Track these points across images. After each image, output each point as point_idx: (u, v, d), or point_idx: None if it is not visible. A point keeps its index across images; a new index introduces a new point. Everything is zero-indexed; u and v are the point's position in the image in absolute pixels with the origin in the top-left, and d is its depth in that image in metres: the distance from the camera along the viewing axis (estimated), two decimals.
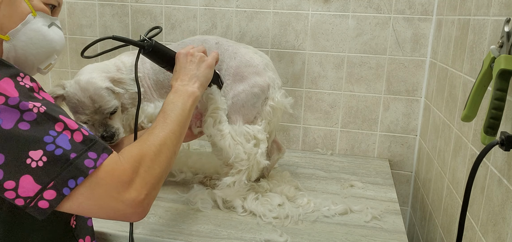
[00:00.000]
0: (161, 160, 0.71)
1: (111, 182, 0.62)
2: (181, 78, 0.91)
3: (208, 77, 0.96)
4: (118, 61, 1.18)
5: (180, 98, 0.86)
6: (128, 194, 0.63)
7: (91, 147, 0.62)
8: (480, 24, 0.92)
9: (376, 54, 1.44)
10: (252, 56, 1.10)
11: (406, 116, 1.47)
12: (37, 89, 0.63)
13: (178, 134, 0.79)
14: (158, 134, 0.74)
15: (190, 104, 0.86)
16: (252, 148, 1.05)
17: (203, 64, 0.95)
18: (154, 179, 0.68)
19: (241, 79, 1.08)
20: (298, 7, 1.45)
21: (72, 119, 0.63)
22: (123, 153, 0.67)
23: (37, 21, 0.71)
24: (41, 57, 0.74)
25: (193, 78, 0.92)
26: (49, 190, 0.58)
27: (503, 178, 0.74)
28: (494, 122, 0.67)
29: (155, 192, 0.69)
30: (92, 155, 0.61)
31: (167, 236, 0.94)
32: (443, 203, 1.11)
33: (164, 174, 0.72)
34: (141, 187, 0.65)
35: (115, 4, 1.60)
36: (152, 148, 0.70)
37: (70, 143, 0.60)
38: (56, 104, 0.63)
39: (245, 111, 1.07)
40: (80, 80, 1.03)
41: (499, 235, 0.73)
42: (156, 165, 0.69)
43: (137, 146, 0.70)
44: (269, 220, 1.01)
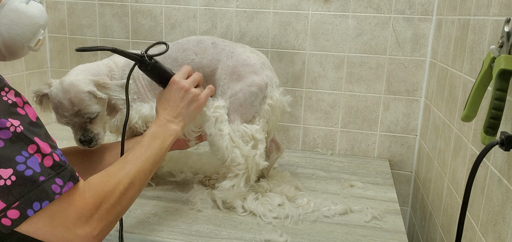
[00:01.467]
0: (125, 199, 0.72)
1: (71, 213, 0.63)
2: (168, 111, 0.92)
3: (194, 118, 0.97)
4: (110, 62, 1.17)
5: (161, 135, 0.87)
6: (82, 229, 0.64)
7: (59, 173, 0.62)
8: (480, 24, 0.92)
9: (376, 54, 1.44)
10: (249, 55, 1.10)
11: (406, 116, 1.47)
12: (22, 104, 0.62)
13: (148, 172, 0.79)
14: (129, 171, 0.75)
15: (169, 142, 0.88)
16: (250, 150, 1.05)
17: (193, 105, 0.95)
18: (112, 217, 0.69)
19: (238, 79, 1.07)
20: (298, 7, 1.45)
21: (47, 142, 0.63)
22: (91, 182, 0.68)
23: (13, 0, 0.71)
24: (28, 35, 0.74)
25: (180, 116, 0.92)
26: (13, 210, 0.58)
27: (503, 178, 0.74)
28: (494, 122, 0.67)
29: (109, 229, 0.70)
30: (59, 181, 0.62)
31: (167, 236, 0.94)
32: (443, 203, 1.11)
33: (123, 212, 0.73)
34: (97, 223, 0.66)
35: (115, 4, 1.60)
36: (120, 186, 0.71)
37: (40, 166, 0.60)
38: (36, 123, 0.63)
39: (243, 110, 1.07)
40: (63, 81, 1.01)
41: (499, 235, 0.73)
42: (118, 205, 0.70)
43: (105, 180, 0.70)
44: (269, 220, 1.01)
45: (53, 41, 1.70)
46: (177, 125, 0.91)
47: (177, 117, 0.92)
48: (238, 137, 1.05)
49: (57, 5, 1.65)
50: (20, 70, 1.58)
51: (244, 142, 1.05)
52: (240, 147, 1.04)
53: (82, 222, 0.64)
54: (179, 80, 0.94)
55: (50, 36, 1.70)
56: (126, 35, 1.61)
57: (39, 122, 0.64)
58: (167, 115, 0.91)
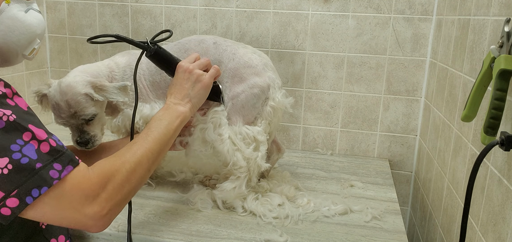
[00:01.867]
0: (133, 179, 0.72)
1: (76, 194, 0.63)
2: (175, 95, 0.93)
3: (202, 98, 0.97)
4: (111, 62, 1.17)
5: (168, 116, 0.87)
6: (90, 208, 0.65)
7: (57, 158, 0.62)
8: (480, 24, 0.92)
9: (376, 54, 1.44)
10: (251, 56, 1.10)
11: (406, 116, 1.47)
12: (11, 95, 0.63)
13: (156, 153, 0.79)
14: (136, 151, 0.75)
15: (177, 124, 0.88)
16: (252, 153, 1.04)
17: (198, 85, 0.95)
18: (121, 196, 0.69)
19: (240, 80, 1.07)
20: (298, 7, 1.45)
21: (42, 128, 0.63)
22: (96, 165, 0.68)
23: (12, 8, 0.71)
24: (23, 43, 0.73)
25: (186, 98, 0.93)
26: (12, 198, 0.59)
27: (503, 178, 0.74)
28: (494, 122, 0.67)
29: (119, 208, 0.70)
30: (57, 166, 0.62)
31: (167, 236, 0.94)
32: (443, 203, 1.11)
33: (133, 192, 0.73)
34: (105, 202, 0.66)
35: (115, 4, 1.60)
36: (126, 165, 0.71)
37: (37, 153, 0.60)
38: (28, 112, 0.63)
39: (245, 112, 1.07)
40: (61, 82, 1.02)
41: (499, 235, 0.73)
42: (126, 183, 0.70)
43: (111, 160, 0.71)
44: (269, 220, 1.01)
45: (53, 41, 1.70)
46: (184, 106, 0.92)
47: (183, 99, 0.93)
48: (240, 139, 1.04)
49: (57, 5, 1.65)
50: (20, 70, 1.58)
51: (246, 144, 1.05)
52: (241, 150, 1.03)
53: (89, 202, 0.64)
54: (184, 64, 0.96)
55: (50, 36, 1.70)
56: (126, 35, 1.61)
57: (30, 111, 0.64)
58: (173, 99, 0.92)
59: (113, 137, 1.28)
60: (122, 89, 1.04)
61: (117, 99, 1.03)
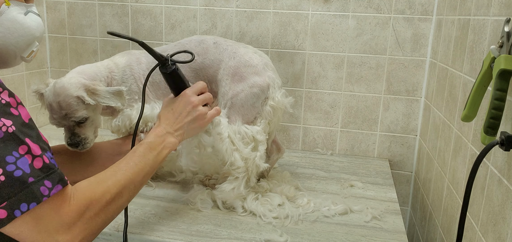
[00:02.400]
0: (110, 209, 0.71)
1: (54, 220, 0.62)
2: (171, 122, 0.91)
3: (195, 134, 0.97)
4: (111, 63, 1.17)
5: (158, 146, 0.86)
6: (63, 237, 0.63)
7: (48, 175, 0.62)
8: (480, 24, 0.92)
9: (376, 54, 1.44)
10: (251, 56, 1.10)
11: (406, 116, 1.47)
12: (15, 104, 0.62)
13: (138, 184, 0.78)
14: (119, 180, 0.74)
15: (164, 155, 0.86)
16: (250, 153, 1.04)
17: (197, 123, 0.94)
18: (96, 226, 0.68)
19: (240, 80, 1.07)
20: (298, 7, 1.45)
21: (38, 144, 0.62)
22: (77, 188, 0.67)
23: (12, 10, 0.71)
24: (22, 45, 0.73)
25: (180, 130, 0.91)
26: (1, 210, 0.58)
27: (503, 178, 0.74)
28: (494, 122, 0.67)
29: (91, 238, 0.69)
30: (47, 183, 0.61)
31: (167, 236, 0.94)
32: (443, 203, 1.11)
33: (107, 223, 0.72)
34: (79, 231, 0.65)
35: (115, 4, 1.60)
36: (107, 195, 0.70)
37: (30, 167, 0.60)
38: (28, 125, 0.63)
39: (244, 111, 1.07)
40: (57, 83, 1.02)
41: (499, 235, 0.73)
42: (103, 214, 0.69)
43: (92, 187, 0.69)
44: (269, 220, 1.01)
45: (53, 41, 1.70)
46: (176, 138, 0.90)
47: (177, 131, 0.91)
48: (239, 138, 1.04)
49: (57, 5, 1.65)
50: (20, 70, 1.58)
51: (245, 144, 1.05)
52: (239, 150, 1.03)
53: (64, 229, 0.63)
54: (190, 94, 0.93)
55: (50, 36, 1.70)
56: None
57: (31, 123, 0.64)
58: (168, 127, 0.90)
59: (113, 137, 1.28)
60: (116, 94, 1.04)
61: (109, 104, 1.03)
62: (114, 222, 0.97)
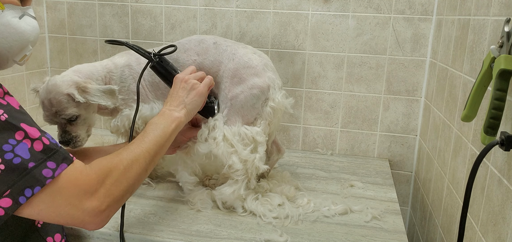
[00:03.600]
0: (130, 175, 0.72)
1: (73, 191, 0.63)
2: (170, 102, 0.95)
3: (197, 105, 0.98)
4: (109, 62, 1.17)
5: (163, 121, 0.89)
6: (89, 203, 0.65)
7: (51, 156, 0.62)
8: (480, 24, 0.92)
9: (376, 54, 1.44)
10: (251, 57, 1.09)
11: (406, 116, 1.47)
12: (2, 94, 0.63)
13: (153, 153, 0.80)
14: (133, 150, 0.76)
15: (172, 128, 0.89)
16: (249, 154, 1.03)
17: (193, 92, 0.97)
18: (119, 192, 0.69)
19: (239, 81, 1.06)
20: (298, 7, 1.45)
21: (35, 127, 0.63)
22: (93, 163, 0.69)
23: (6, 14, 0.70)
24: (15, 50, 0.73)
25: (181, 105, 0.95)
26: (5, 198, 0.59)
27: (503, 178, 0.74)
28: (494, 122, 0.67)
29: (117, 205, 0.70)
30: (51, 164, 0.62)
31: (167, 236, 0.94)
32: (443, 203, 1.11)
33: (130, 189, 0.73)
34: (104, 197, 0.67)
35: (115, 4, 1.60)
36: (124, 161, 0.72)
37: (30, 151, 0.60)
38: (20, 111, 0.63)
39: (244, 112, 1.06)
40: (50, 81, 1.04)
41: (499, 235, 0.73)
42: (124, 179, 0.71)
43: (108, 158, 0.71)
44: (269, 220, 1.01)
45: (53, 41, 1.70)
46: (179, 112, 0.93)
47: (178, 106, 0.94)
48: (237, 140, 1.04)
49: (57, 5, 1.65)
50: (20, 70, 1.58)
51: (244, 145, 1.04)
52: (238, 152, 1.02)
53: (87, 197, 0.65)
54: (181, 76, 0.99)
55: (50, 36, 1.70)
56: (126, 35, 1.62)
57: (22, 110, 0.64)
58: (169, 106, 0.94)
59: (114, 137, 1.28)
60: (108, 93, 1.05)
61: (100, 102, 1.04)
62: (113, 220, 0.97)
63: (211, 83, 1.03)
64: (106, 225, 0.94)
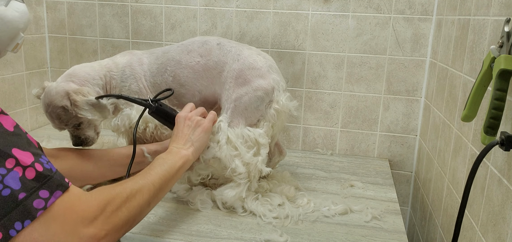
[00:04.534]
0: (132, 204, 0.70)
1: (70, 218, 0.60)
2: (177, 141, 0.94)
3: (204, 142, 0.99)
4: (110, 62, 1.17)
5: (170, 157, 0.88)
6: (86, 230, 0.61)
7: (44, 184, 0.58)
8: (480, 24, 0.92)
9: (376, 54, 1.44)
10: (255, 58, 1.08)
11: (406, 116, 1.47)
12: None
13: (158, 186, 0.78)
14: (137, 181, 0.75)
15: (179, 165, 0.88)
16: (252, 158, 1.03)
17: (199, 129, 0.97)
18: (119, 221, 0.66)
19: (244, 83, 1.06)
20: (298, 7, 1.45)
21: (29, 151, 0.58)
22: (95, 190, 0.67)
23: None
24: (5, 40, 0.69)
25: (188, 142, 0.95)
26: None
27: (503, 178, 0.74)
28: (494, 122, 0.67)
29: (116, 235, 0.67)
30: (43, 193, 0.58)
31: (167, 236, 0.94)
32: (443, 203, 1.11)
33: (131, 220, 0.70)
34: (102, 225, 0.63)
35: (115, 4, 1.60)
36: (127, 190, 0.70)
37: (21, 181, 0.56)
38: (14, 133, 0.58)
39: (248, 114, 1.06)
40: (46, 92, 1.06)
41: (499, 235, 0.73)
42: (125, 208, 0.68)
43: (111, 187, 0.69)
44: (269, 220, 1.01)
45: (53, 41, 1.70)
46: (186, 150, 0.93)
47: (185, 144, 0.94)
48: (241, 142, 1.03)
49: (57, 5, 1.65)
50: (20, 70, 1.58)
51: (247, 147, 1.03)
52: (241, 155, 1.02)
53: (85, 225, 0.61)
54: (182, 114, 0.99)
55: (50, 36, 1.70)
56: (126, 35, 1.62)
57: (17, 130, 0.59)
58: (176, 145, 0.93)
59: (114, 137, 1.28)
60: (97, 107, 1.06)
61: (86, 116, 1.04)
62: None
63: (215, 118, 1.03)
64: None
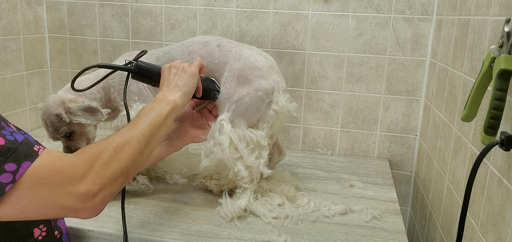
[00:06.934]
0: (122, 156, 0.68)
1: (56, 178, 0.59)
2: (163, 89, 0.92)
3: (191, 86, 0.96)
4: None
5: (157, 105, 0.85)
6: (78, 188, 0.60)
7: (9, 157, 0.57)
8: (480, 24, 0.92)
9: (376, 54, 1.44)
10: (256, 58, 1.08)
11: (406, 116, 1.47)
12: None
13: (147, 135, 0.76)
14: (124, 133, 0.73)
15: (167, 110, 0.85)
16: (254, 161, 1.03)
17: (184, 74, 0.95)
18: (110, 174, 0.65)
19: (245, 83, 1.05)
20: (298, 7, 1.45)
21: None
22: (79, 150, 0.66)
23: None
24: None
25: (175, 88, 0.92)
26: None
27: (503, 178, 0.74)
28: (494, 122, 0.67)
29: (111, 188, 0.65)
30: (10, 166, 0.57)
31: (167, 236, 0.94)
32: (443, 203, 1.11)
33: (125, 172, 0.68)
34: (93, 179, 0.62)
35: (115, 4, 1.60)
36: (113, 143, 0.68)
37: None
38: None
39: (248, 115, 1.05)
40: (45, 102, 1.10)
41: (499, 235, 0.73)
42: (114, 160, 0.66)
43: (97, 144, 0.68)
44: (269, 220, 1.01)
45: (53, 41, 1.70)
46: (173, 95, 0.89)
47: (172, 90, 0.91)
48: (243, 146, 1.03)
49: (57, 5, 1.65)
50: (20, 70, 1.58)
51: (249, 150, 1.03)
52: (243, 158, 1.02)
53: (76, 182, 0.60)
54: (167, 65, 0.98)
55: (50, 36, 1.70)
56: (126, 35, 1.62)
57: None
58: (162, 93, 0.91)
59: None
60: (89, 111, 1.08)
61: (80, 121, 1.07)
62: (115, 222, 0.97)
63: (201, 64, 1.01)
64: (106, 225, 0.95)
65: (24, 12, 1.57)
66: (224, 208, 1.03)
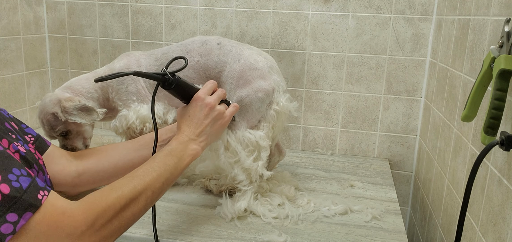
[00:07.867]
0: (125, 216, 0.67)
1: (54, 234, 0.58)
2: (192, 129, 0.86)
3: (219, 136, 0.94)
4: (107, 69, 1.19)
5: (180, 153, 0.82)
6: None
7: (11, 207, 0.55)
8: (480, 24, 0.92)
9: (376, 54, 1.44)
10: (256, 58, 1.08)
11: (406, 116, 1.47)
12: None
13: (158, 191, 0.74)
14: (136, 186, 0.70)
15: (186, 162, 0.82)
16: (252, 164, 1.02)
17: (218, 123, 0.91)
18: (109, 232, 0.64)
19: (245, 83, 1.05)
20: (298, 7, 1.45)
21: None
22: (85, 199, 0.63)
23: None
24: None
25: (203, 135, 0.87)
26: None
27: (503, 178, 0.74)
28: (494, 122, 0.67)
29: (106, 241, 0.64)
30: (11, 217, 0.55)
31: (167, 236, 0.94)
32: (443, 203, 1.11)
33: (122, 229, 0.67)
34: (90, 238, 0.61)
35: (115, 4, 1.60)
36: (121, 201, 0.66)
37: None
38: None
39: (249, 116, 1.05)
40: (42, 101, 1.09)
41: (499, 235, 0.73)
42: (116, 221, 0.65)
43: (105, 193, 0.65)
44: (269, 220, 1.01)
45: (53, 41, 1.70)
46: (199, 144, 0.86)
47: (199, 136, 0.87)
48: (242, 148, 1.03)
49: (57, 5, 1.65)
50: (20, 70, 1.58)
51: (248, 151, 1.03)
52: (241, 161, 1.01)
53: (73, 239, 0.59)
54: (203, 96, 0.89)
55: (50, 36, 1.70)
56: (126, 35, 1.62)
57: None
58: (190, 133, 0.86)
59: (113, 137, 1.28)
60: (84, 110, 1.07)
61: (76, 120, 1.06)
62: None
63: (236, 111, 0.97)
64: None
65: (24, 12, 1.57)
66: (224, 208, 1.02)
